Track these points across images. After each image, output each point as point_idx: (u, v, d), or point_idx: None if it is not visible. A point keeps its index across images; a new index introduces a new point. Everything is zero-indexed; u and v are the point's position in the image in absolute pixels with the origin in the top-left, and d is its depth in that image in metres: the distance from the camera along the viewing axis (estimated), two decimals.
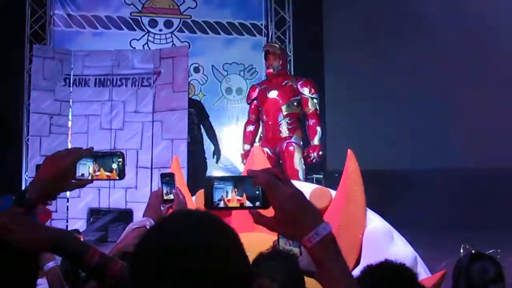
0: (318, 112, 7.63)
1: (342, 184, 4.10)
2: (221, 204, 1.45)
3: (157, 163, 8.20)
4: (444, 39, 10.42)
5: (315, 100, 7.58)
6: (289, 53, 9.94)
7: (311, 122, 7.52)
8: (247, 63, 10.13)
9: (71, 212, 8.41)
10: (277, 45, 8.04)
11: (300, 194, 1.41)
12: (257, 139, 7.78)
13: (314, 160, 7.46)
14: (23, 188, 2.34)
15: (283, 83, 7.57)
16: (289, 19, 10.40)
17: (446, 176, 10.25)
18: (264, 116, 7.53)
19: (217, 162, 9.09)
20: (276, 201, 1.39)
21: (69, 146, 8.50)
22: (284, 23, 10.42)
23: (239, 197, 1.44)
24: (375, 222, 4.04)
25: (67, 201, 8.36)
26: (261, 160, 4.24)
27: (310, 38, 10.49)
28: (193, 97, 9.55)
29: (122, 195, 8.28)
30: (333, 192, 4.18)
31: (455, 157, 10.43)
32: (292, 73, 9.19)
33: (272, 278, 2.04)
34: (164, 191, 2.65)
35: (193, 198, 4.65)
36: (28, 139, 9.00)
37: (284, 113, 7.43)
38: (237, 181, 1.46)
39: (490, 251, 3.65)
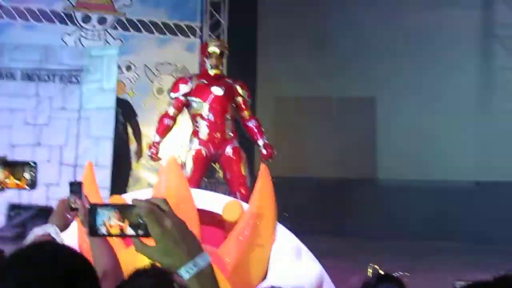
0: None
1: (253, 198, 4.15)
2: (103, 230, 1.48)
3: (81, 161, 8.10)
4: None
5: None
6: None
7: (254, 123, 7.22)
8: (180, 64, 10.07)
9: None
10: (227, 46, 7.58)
11: (180, 224, 1.46)
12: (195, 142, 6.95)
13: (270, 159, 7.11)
14: None
15: (226, 81, 7.18)
16: (224, 23, 10.38)
17: (376, 186, 10.48)
18: (209, 114, 6.91)
19: (136, 162, 9.14)
20: (155, 232, 1.43)
21: None
22: (219, 26, 10.41)
23: (121, 224, 1.47)
24: (284, 238, 4.10)
25: None
26: (174, 175, 4.21)
27: (244, 43, 10.48)
28: (122, 96, 9.46)
29: (44, 191, 8.16)
30: (245, 206, 4.21)
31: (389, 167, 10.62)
32: None
33: None
34: (72, 199, 2.71)
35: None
36: None
37: (229, 113, 7.04)
38: (121, 208, 1.49)
39: (399, 273, 3.74)
